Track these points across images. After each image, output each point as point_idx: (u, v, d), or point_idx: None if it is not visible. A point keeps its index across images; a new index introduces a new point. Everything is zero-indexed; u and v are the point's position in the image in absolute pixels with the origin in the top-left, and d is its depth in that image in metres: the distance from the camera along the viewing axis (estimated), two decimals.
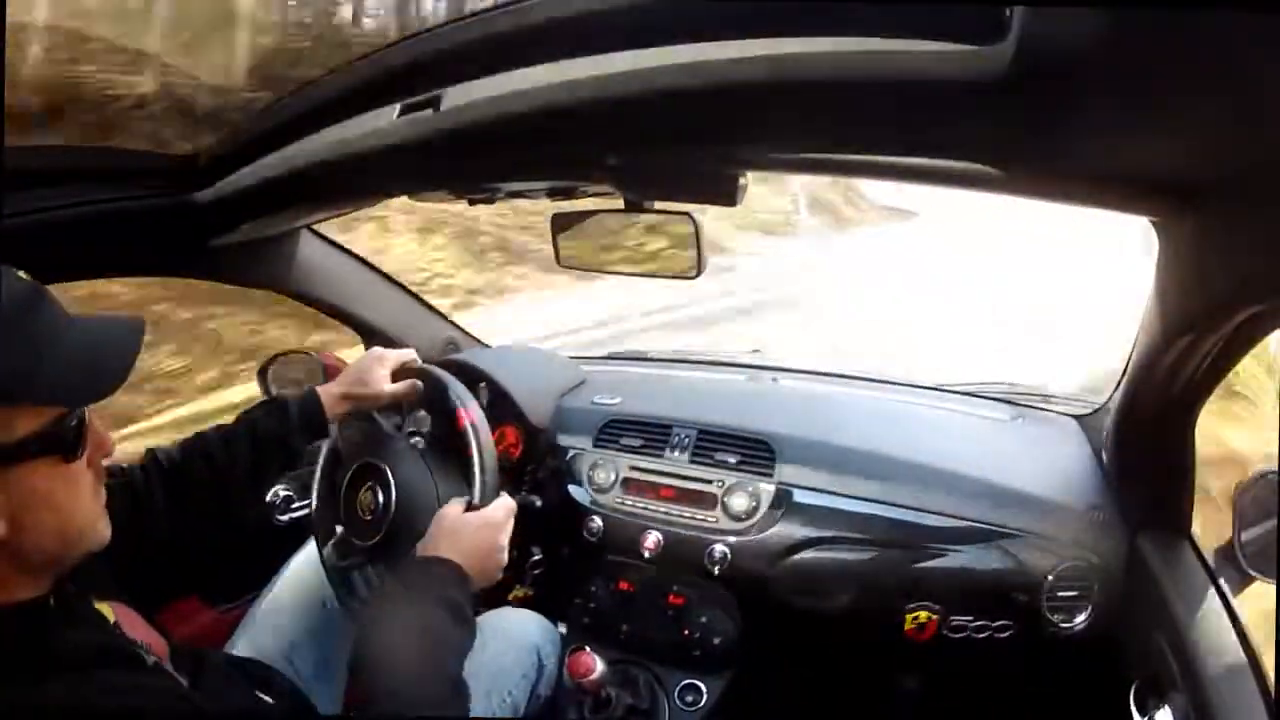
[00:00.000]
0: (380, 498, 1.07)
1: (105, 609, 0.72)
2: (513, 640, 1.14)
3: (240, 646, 1.10)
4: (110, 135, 3.69)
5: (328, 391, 1.05)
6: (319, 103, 0.95)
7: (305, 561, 1.21)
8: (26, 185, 1.00)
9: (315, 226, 1.34)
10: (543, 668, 1.16)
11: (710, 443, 1.31)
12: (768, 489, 1.24)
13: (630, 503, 1.31)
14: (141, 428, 3.08)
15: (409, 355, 1.13)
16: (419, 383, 1.11)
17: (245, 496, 1.03)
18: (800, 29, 0.61)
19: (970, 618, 1.15)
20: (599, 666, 1.13)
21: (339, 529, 1.12)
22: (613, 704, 1.21)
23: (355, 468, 1.11)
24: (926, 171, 0.77)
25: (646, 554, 1.28)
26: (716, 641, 1.25)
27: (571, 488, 1.35)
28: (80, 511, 0.63)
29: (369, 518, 1.08)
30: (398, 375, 1.10)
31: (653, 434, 1.35)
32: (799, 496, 1.23)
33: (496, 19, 0.77)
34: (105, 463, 0.67)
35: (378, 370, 1.08)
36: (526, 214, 5.26)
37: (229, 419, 1.03)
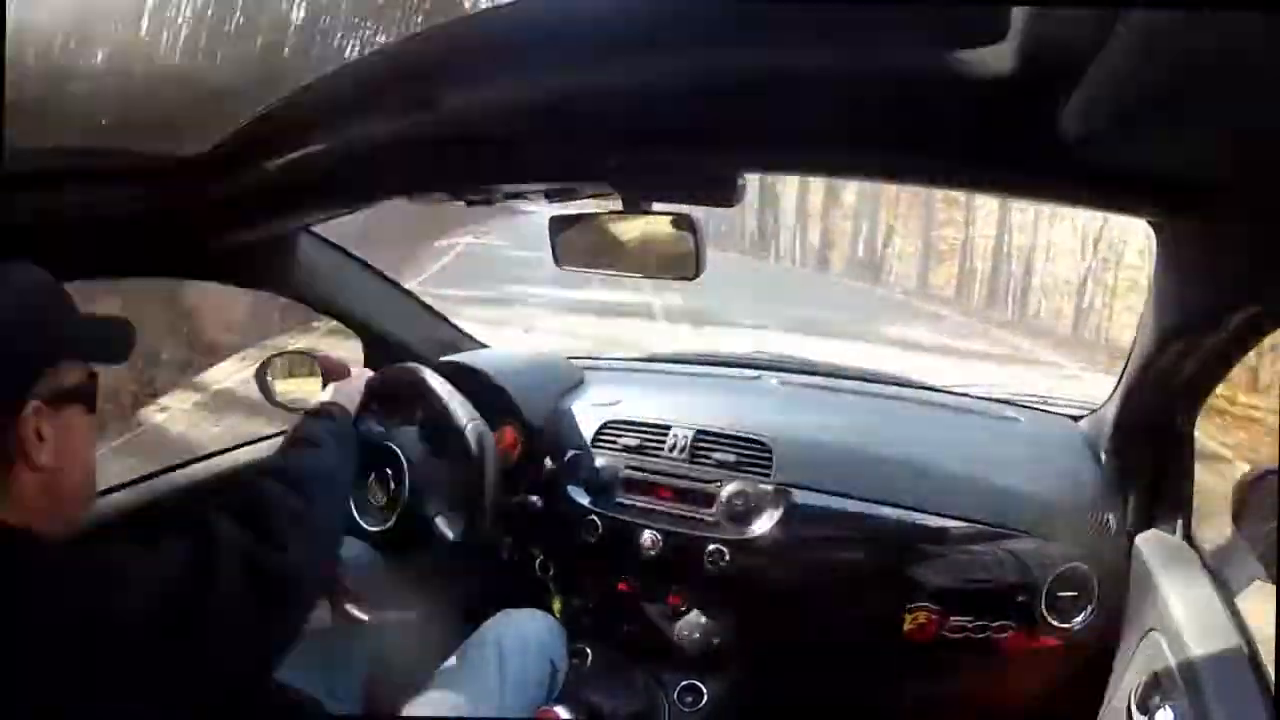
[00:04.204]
0: (393, 484, 1.07)
1: None
2: (531, 651, 1.14)
3: None
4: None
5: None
6: (318, 104, 0.95)
7: None
8: (27, 185, 1.00)
9: (313, 228, 1.34)
10: (556, 672, 1.17)
11: (708, 443, 1.31)
12: (766, 489, 1.24)
13: (629, 503, 1.31)
14: None
15: None
16: None
17: None
18: (800, 30, 0.61)
19: (970, 618, 1.15)
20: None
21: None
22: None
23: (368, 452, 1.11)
24: (925, 173, 0.77)
25: (645, 554, 1.28)
26: (715, 642, 1.25)
27: (570, 488, 1.35)
28: (92, 459, 0.77)
29: (380, 504, 1.08)
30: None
31: (650, 434, 1.34)
32: (797, 496, 1.23)
33: (496, 19, 0.77)
34: None
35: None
36: None
37: None
